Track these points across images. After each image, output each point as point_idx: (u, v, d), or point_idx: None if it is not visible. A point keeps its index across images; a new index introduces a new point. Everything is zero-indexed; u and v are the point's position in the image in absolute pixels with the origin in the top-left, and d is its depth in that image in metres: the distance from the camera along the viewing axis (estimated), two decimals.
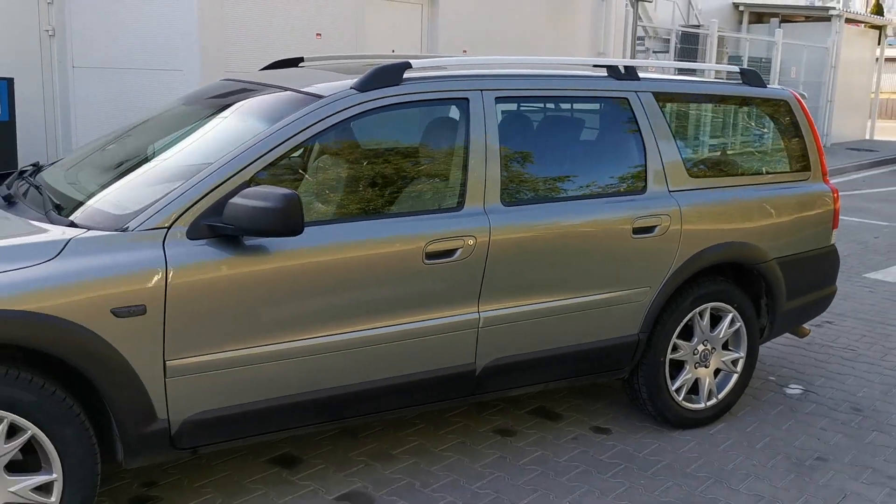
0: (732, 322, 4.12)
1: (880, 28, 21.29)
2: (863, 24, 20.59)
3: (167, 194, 2.90)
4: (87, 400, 2.81)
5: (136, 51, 8.37)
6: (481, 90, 3.48)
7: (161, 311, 2.78)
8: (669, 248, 3.81)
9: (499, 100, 3.51)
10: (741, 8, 19.64)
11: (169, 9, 7.89)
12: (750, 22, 19.96)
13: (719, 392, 4.17)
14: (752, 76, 4.37)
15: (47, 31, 9.06)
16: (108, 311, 2.70)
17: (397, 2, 9.49)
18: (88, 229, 2.81)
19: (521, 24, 10.97)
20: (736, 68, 4.39)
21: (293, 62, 4.40)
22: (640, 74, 3.97)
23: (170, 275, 2.78)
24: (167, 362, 2.82)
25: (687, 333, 4.03)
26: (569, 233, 3.57)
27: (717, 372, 4.17)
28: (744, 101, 4.31)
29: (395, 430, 3.96)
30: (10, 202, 3.20)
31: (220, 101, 3.67)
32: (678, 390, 4.03)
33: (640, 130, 3.83)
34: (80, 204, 3.04)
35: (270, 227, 2.78)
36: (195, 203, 2.88)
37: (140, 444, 2.85)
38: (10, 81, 7.15)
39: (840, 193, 4.54)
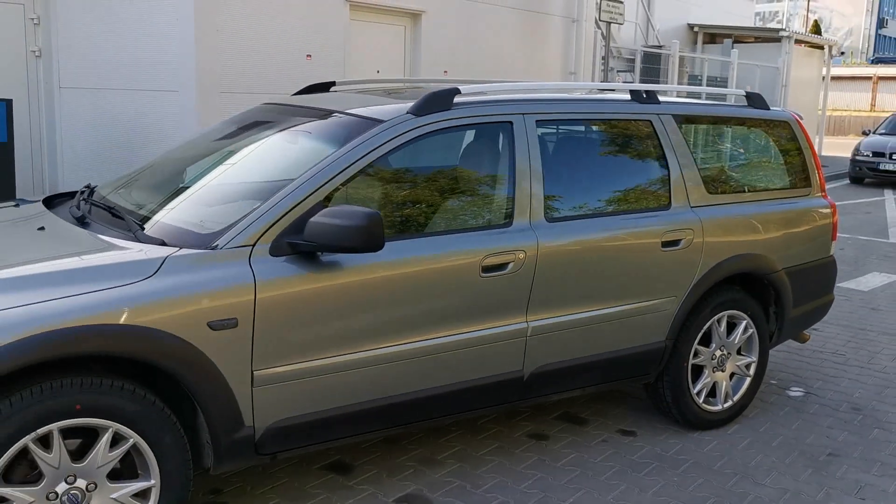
0: (746, 329, 4.41)
1: (825, 48, 22.15)
2: (809, 45, 21.40)
3: (249, 214, 3.07)
4: (177, 409, 2.96)
5: (127, 71, 8.44)
6: (523, 114, 3.72)
7: (250, 324, 2.95)
8: (693, 260, 4.09)
9: (539, 123, 3.76)
10: (696, 29, 20.28)
11: (165, 31, 7.99)
12: (704, 42, 20.63)
13: (734, 394, 4.45)
14: (757, 99, 4.69)
15: (34, 51, 9.07)
16: (205, 324, 2.86)
17: (381, 24, 9.72)
18: (179, 248, 2.96)
19: (498, 45, 11.29)
20: (742, 92, 4.70)
21: (325, 86, 4.58)
22: (661, 98, 4.26)
23: (258, 290, 2.95)
24: (254, 372, 2.99)
25: (706, 340, 4.30)
26: (605, 246, 3.82)
27: (731, 375, 4.45)
28: (750, 122, 4.62)
29: (436, 437, 4.16)
30: (83, 223, 3.33)
31: (276, 124, 3.84)
32: (699, 393, 4.30)
33: (663, 150, 4.11)
34: (168, 226, 3.18)
35: (353, 244, 2.96)
36: (276, 222, 3.06)
37: (229, 450, 3.01)
38: (8, 103, 7.18)
39: None
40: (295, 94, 4.58)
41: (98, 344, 2.68)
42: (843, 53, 49.74)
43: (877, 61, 54.26)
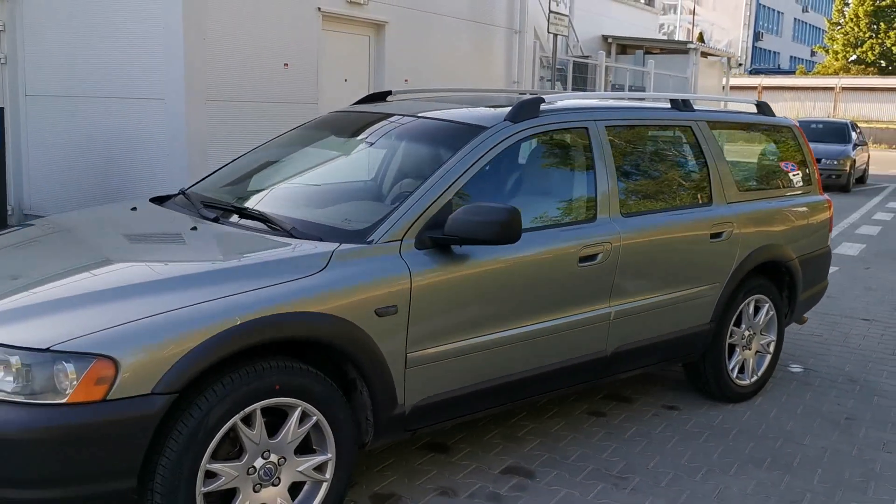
0: (768, 311, 4.97)
1: (725, 59, 23.58)
2: (712, 56, 22.74)
3: (394, 212, 3.38)
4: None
5: (104, 79, 8.44)
6: (595, 120, 4.15)
7: (406, 311, 3.26)
8: (732, 251, 4.61)
9: (608, 128, 4.19)
10: (609, 40, 21.26)
11: (147, 38, 8.04)
12: (616, 53, 21.64)
13: (758, 370, 5.00)
14: (765, 107, 5.27)
15: None
16: (373, 311, 3.16)
17: (347, 33, 9.98)
18: (339, 244, 3.24)
19: (452, 56, 11.72)
20: (752, 101, 5.27)
21: (382, 96, 4.88)
22: (695, 106, 4.77)
23: (413, 280, 3.27)
24: (408, 355, 3.30)
25: (737, 322, 4.83)
26: (668, 238, 4.29)
27: (756, 353, 4.99)
28: (762, 128, 5.20)
29: (507, 419, 4.52)
30: (222, 222, 3.56)
31: (374, 130, 4.15)
32: (732, 370, 4.82)
33: (702, 152, 4.61)
34: (310, 224, 3.44)
35: (494, 237, 3.30)
36: (418, 219, 3.38)
37: (385, 427, 3.31)
38: (0, 111, 7.12)
39: None
40: (356, 103, 4.86)
41: (295, 329, 2.95)
42: (740, 65, 52.57)
43: (754, 72, 57.57)
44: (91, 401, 2.61)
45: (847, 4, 59.79)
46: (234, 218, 3.60)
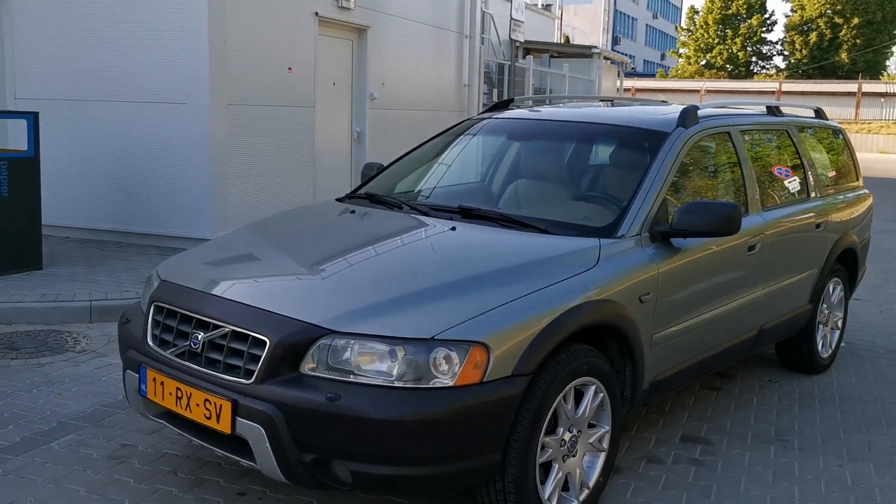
0: (841, 291, 5.65)
1: (621, 64, 24.91)
2: (609, 61, 23.98)
3: (629, 210, 3.76)
4: None
5: (112, 83, 8.28)
6: (733, 125, 4.66)
7: (655, 297, 3.65)
8: (827, 238, 5.24)
9: (742, 132, 4.72)
10: (517, 44, 22.05)
11: (165, 42, 7.97)
12: (522, 56, 22.46)
13: (831, 345, 5.67)
14: (821, 112, 5.95)
15: None
16: (638, 297, 3.54)
17: (336, 38, 10.13)
18: (598, 239, 3.60)
19: (420, 62, 12.05)
20: (811, 107, 5.95)
21: (506, 104, 5.22)
22: (784, 111, 5.38)
23: (660, 268, 3.67)
24: (653, 336, 3.69)
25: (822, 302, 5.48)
26: (794, 227, 4.88)
27: (831, 329, 5.66)
28: (824, 130, 5.87)
29: None
30: (470, 221, 3.83)
31: (554, 134, 4.53)
32: (819, 344, 5.47)
33: (798, 153, 5.21)
34: (556, 223, 3.77)
35: (720, 230, 3.74)
36: (647, 215, 3.78)
37: (635, 402, 3.68)
38: (35, 116, 6.90)
39: None
40: (484, 111, 5.17)
41: (596, 315, 3.31)
42: (634, 69, 54.93)
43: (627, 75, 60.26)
44: (473, 383, 2.87)
45: (697, 12, 63.83)
46: (478, 221, 3.85)
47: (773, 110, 5.30)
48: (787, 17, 59.81)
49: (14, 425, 4.23)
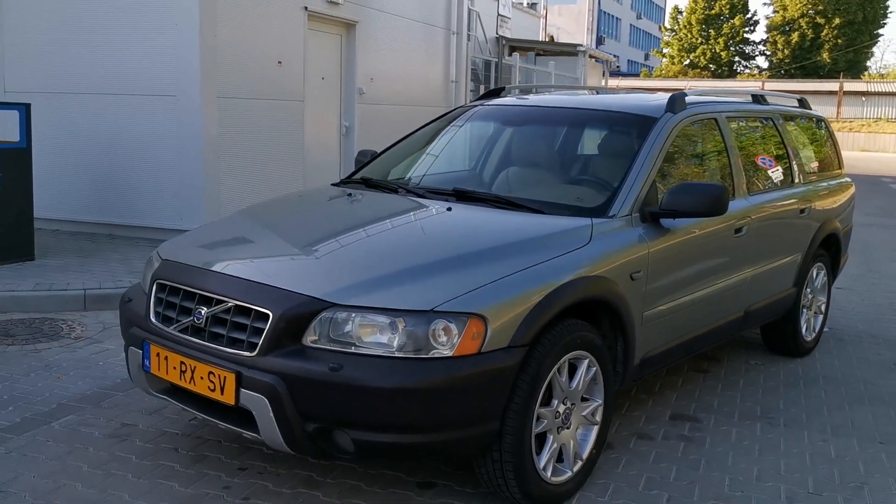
0: (823, 276, 5.78)
1: (606, 62, 25.10)
2: (594, 59, 24.15)
3: (620, 190, 3.86)
4: None
5: (99, 76, 8.31)
6: (720, 112, 4.77)
7: (646, 275, 3.75)
8: (811, 224, 5.37)
9: (728, 119, 4.83)
10: (503, 42, 22.18)
11: (153, 35, 8.01)
12: (508, 54, 22.59)
13: (815, 328, 5.79)
14: (804, 102, 6.07)
15: None
16: (629, 275, 3.64)
17: (325, 33, 10.19)
18: (590, 218, 3.69)
19: (408, 58, 12.14)
20: (795, 96, 6.07)
21: (497, 92, 5.31)
22: (769, 100, 5.49)
23: (650, 247, 3.77)
24: (643, 313, 3.79)
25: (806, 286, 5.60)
26: (779, 212, 4.99)
27: (815, 313, 5.79)
28: (807, 118, 6.00)
29: None
30: (465, 201, 3.93)
31: (539, 121, 4.62)
32: (803, 328, 5.59)
33: (783, 140, 5.34)
34: (550, 203, 3.86)
35: (707, 210, 3.84)
36: (637, 196, 3.88)
37: (626, 377, 3.79)
38: (27, 107, 6.94)
39: None
40: (478, 98, 5.26)
41: (591, 290, 3.40)
42: (618, 67, 55.14)
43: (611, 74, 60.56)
44: (471, 353, 2.96)
45: (681, 12, 64.25)
46: (468, 202, 3.94)
47: (758, 99, 5.42)
48: (767, 18, 60.23)
49: (14, 407, 4.28)
